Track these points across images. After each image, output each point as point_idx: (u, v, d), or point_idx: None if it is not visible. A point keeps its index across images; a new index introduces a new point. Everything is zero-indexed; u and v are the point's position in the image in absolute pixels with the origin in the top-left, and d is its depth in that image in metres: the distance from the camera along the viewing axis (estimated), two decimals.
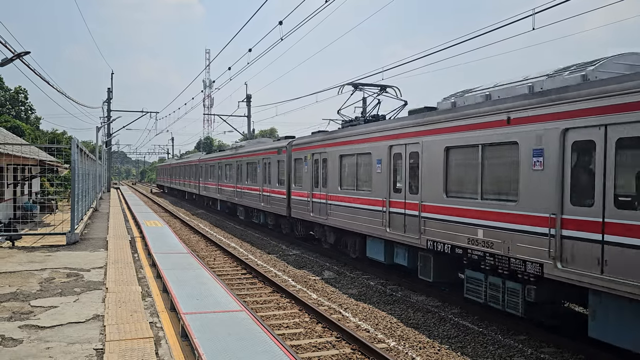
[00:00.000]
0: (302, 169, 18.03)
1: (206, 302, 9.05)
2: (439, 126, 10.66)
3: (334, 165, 15.50)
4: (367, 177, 13.64)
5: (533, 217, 8.27)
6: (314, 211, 16.95)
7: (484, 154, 9.50)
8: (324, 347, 8.40)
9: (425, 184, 11.11)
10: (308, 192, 17.40)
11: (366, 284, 13.05)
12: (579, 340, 8.42)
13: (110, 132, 53.71)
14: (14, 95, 56.21)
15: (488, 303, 9.52)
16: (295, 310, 10.57)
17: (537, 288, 8.47)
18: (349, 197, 14.52)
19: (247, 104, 41.41)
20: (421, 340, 8.81)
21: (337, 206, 15.27)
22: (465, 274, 10.12)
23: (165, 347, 6.91)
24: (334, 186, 15.49)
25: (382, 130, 12.93)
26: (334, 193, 15.53)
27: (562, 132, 7.79)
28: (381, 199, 12.79)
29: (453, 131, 10.21)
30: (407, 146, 11.79)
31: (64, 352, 6.42)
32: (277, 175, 20.46)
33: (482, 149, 9.51)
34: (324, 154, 16.25)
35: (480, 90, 10.48)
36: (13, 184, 22.19)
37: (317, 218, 16.72)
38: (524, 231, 8.45)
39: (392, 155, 12.45)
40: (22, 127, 43.76)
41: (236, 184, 26.81)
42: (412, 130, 11.60)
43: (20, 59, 14.99)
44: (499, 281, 9.21)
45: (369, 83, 16.36)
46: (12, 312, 8.15)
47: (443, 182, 10.53)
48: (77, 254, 13.87)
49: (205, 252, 17.95)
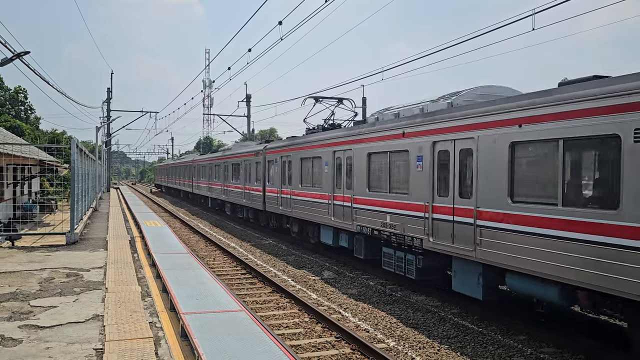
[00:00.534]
0: (274, 170, 20.90)
1: (206, 302, 9.04)
2: (364, 137, 13.60)
3: (297, 167, 18.34)
4: (319, 176, 16.44)
5: (417, 205, 11.28)
6: (282, 205, 19.77)
7: (390, 159, 12.49)
8: (323, 347, 8.40)
9: (355, 181, 14.00)
10: (278, 189, 20.23)
11: (366, 284, 13.06)
12: (577, 340, 8.43)
13: (110, 132, 53.71)
14: (14, 95, 56.20)
15: (396, 272, 12.37)
16: (294, 310, 10.57)
17: (423, 257, 11.33)
18: (307, 192, 17.30)
19: (247, 103, 41.43)
20: (421, 340, 8.82)
21: (298, 201, 18.03)
22: (383, 250, 12.89)
23: (165, 347, 6.91)
24: (297, 184, 18.26)
25: (328, 139, 15.92)
26: (296, 190, 18.26)
27: (432, 143, 10.81)
28: (328, 194, 15.71)
29: (373, 141, 13.17)
30: (345, 152, 14.67)
31: (63, 352, 6.42)
32: (255, 175, 23.47)
33: (389, 155, 12.49)
34: (289, 157, 19.11)
35: (394, 109, 13.30)
36: (13, 183, 22.18)
37: (285, 211, 19.49)
38: (412, 215, 11.43)
39: (335, 159, 15.32)
40: (21, 127, 43.75)
41: (224, 182, 29.80)
42: (347, 140, 14.55)
43: (19, 59, 14.99)
44: (401, 254, 12.10)
45: (327, 96, 19.43)
46: (11, 312, 8.15)
47: (366, 180, 13.45)
48: (77, 254, 13.86)
49: (205, 252, 17.95)
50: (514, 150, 8.69)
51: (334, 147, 15.35)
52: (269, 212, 22.03)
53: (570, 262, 7.49)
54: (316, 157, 16.63)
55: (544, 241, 7.93)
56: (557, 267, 7.68)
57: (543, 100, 8.13)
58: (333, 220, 15.28)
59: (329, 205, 15.50)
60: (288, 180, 19.14)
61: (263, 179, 22.06)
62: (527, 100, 8.46)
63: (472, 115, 9.63)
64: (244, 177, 25.28)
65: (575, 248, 7.44)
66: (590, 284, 7.20)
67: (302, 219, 18.03)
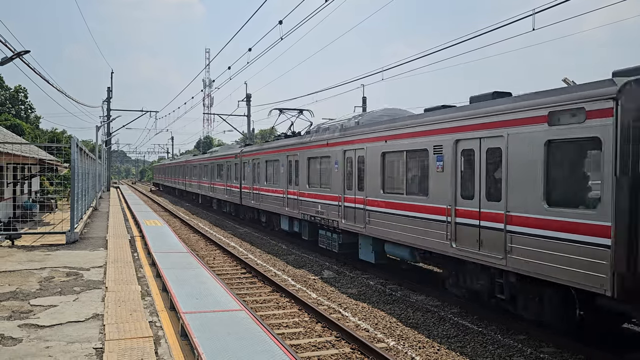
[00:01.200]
0: (247, 170, 25.06)
1: (206, 302, 9.04)
2: (306, 145, 17.51)
3: (263, 167, 22.39)
4: (278, 176, 20.35)
5: (335, 197, 15.19)
6: (254, 199, 23.81)
7: (321, 162, 16.32)
8: (323, 347, 8.40)
9: (300, 179, 17.87)
10: (250, 186, 24.35)
11: (366, 283, 13.06)
12: (575, 339, 8.43)
13: (110, 131, 53.69)
14: (14, 94, 56.19)
15: (327, 247, 16.26)
16: (294, 310, 10.57)
17: (342, 235, 15.21)
18: (270, 189, 21.25)
19: (247, 103, 41.43)
20: (420, 340, 8.82)
21: (265, 196, 22.01)
22: (319, 232, 16.78)
23: (164, 346, 6.91)
24: (263, 182, 22.32)
25: (283, 145, 19.91)
26: (263, 186, 22.22)
27: (343, 151, 14.62)
28: (282, 189, 19.68)
29: (311, 148, 17.11)
30: (293, 156, 18.61)
31: (63, 352, 6.42)
32: (234, 174, 27.69)
33: (320, 159, 16.35)
34: (258, 159, 23.25)
35: (329, 123, 17.17)
36: (13, 183, 22.18)
37: (255, 204, 23.58)
38: (332, 204, 15.34)
39: (288, 162, 19.22)
40: (21, 126, 43.75)
41: (210, 181, 34.00)
42: (295, 147, 18.55)
43: (20, 58, 14.98)
44: (330, 234, 15.98)
45: (289, 108, 23.68)
46: (11, 311, 8.15)
47: (307, 178, 17.29)
48: (77, 253, 13.86)
49: (205, 252, 17.95)
50: (383, 158, 12.65)
51: (287, 152, 19.38)
52: (245, 206, 26.35)
53: (410, 232, 11.32)
54: (275, 160, 20.83)
55: (399, 219, 11.79)
56: (406, 236, 11.47)
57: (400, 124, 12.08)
58: (287, 210, 19.26)
59: (285, 198, 19.34)
60: (257, 178, 23.38)
61: (240, 178, 26.42)
62: (392, 124, 12.42)
63: (360, 133, 13.80)
64: (226, 176, 29.54)
65: (410, 222, 11.32)
66: (417, 245, 11.20)
67: (269, 211, 22.06)
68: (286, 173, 19.29)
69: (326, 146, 15.78)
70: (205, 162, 35.99)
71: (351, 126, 14.81)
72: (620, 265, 6.81)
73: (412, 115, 12.64)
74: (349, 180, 14.37)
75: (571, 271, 7.43)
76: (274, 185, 20.76)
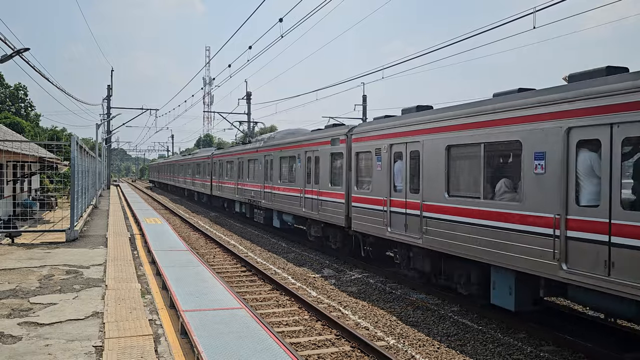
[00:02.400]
0: (214, 168, 33.23)
1: (206, 300, 9.04)
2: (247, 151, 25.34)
3: (225, 166, 30.15)
4: (232, 172, 28.09)
5: (259, 185, 22.79)
6: (219, 190, 31.50)
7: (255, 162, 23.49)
8: (323, 345, 8.39)
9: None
10: (217, 180, 32.05)
11: (366, 281, 13.05)
12: (575, 337, 8.42)
13: (110, 129, 53.64)
14: (14, 92, 56.14)
15: (258, 221, 23.23)
16: (294, 308, 10.57)
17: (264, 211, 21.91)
18: (228, 182, 28.94)
19: (247, 101, 41.39)
20: (421, 338, 8.81)
21: (225, 187, 29.70)
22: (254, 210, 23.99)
23: (164, 344, 6.91)
24: (223, 176, 30.27)
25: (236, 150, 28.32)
26: (222, 180, 30.59)
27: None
28: (234, 182, 27.35)
29: (249, 153, 24.81)
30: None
31: (63, 350, 6.41)
32: (210, 171, 34.61)
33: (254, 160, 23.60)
34: (221, 160, 31.24)
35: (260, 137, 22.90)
36: (12, 180, 22.17)
37: (219, 194, 31.55)
38: (257, 191, 22.88)
39: (239, 162, 26.50)
40: (21, 124, 43.70)
41: (192, 177, 41.98)
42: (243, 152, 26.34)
43: (19, 55, 14.96)
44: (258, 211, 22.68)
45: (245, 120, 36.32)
46: (11, 309, 8.14)
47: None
48: (77, 251, 13.86)
49: (205, 250, 17.94)
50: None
51: (237, 156, 27.17)
52: (214, 196, 33.80)
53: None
54: (230, 161, 28.89)
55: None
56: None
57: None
58: (237, 197, 26.67)
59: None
60: (220, 174, 31.32)
61: (210, 174, 34.12)
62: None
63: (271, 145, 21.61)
64: (202, 173, 37.40)
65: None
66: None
67: (228, 198, 29.64)
68: (237, 170, 26.86)
69: (256, 152, 23.55)
70: (189, 162, 44.76)
71: (266, 140, 23.33)
72: None
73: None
74: (266, 174, 21.82)
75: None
76: (230, 180, 28.56)
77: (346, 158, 14.74)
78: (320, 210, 16.33)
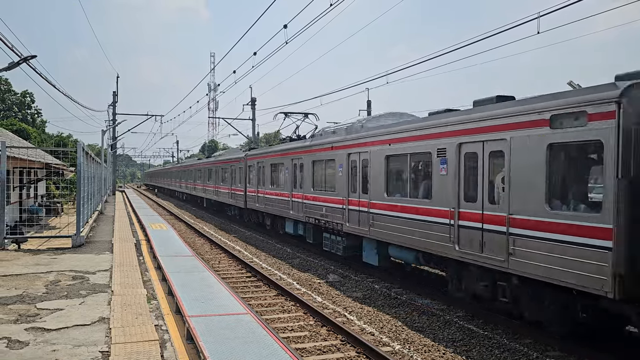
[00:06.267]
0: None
1: (211, 305, 9.06)
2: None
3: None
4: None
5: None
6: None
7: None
8: (328, 350, 8.39)
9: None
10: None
11: (371, 287, 13.03)
12: (587, 345, 8.38)
13: (115, 135, 53.90)
14: (21, 98, 56.52)
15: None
16: (300, 314, 10.57)
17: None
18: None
19: (252, 107, 41.53)
20: (426, 344, 8.79)
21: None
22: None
23: (170, 349, 6.92)
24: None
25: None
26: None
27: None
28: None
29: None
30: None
31: (69, 355, 6.44)
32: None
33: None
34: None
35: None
36: (19, 186, 22.30)
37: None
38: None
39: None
40: (27, 130, 43.97)
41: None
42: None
43: (26, 63, 15.09)
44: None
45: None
46: (18, 315, 8.18)
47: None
48: (83, 257, 13.91)
49: (210, 255, 17.97)
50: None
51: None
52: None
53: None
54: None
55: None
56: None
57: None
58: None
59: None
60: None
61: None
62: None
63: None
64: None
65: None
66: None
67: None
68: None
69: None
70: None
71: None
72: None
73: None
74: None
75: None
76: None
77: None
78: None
